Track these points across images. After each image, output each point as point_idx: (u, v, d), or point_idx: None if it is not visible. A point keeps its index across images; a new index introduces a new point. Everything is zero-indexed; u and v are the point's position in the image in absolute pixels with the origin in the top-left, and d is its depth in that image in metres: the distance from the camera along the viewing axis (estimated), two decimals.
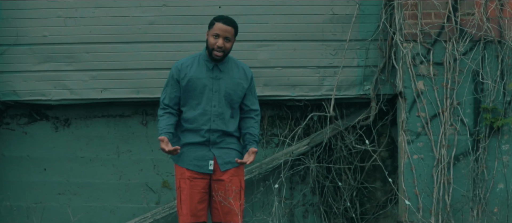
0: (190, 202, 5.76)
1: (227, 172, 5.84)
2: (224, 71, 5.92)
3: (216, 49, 5.77)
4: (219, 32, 5.78)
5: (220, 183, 5.81)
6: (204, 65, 5.90)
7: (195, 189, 5.77)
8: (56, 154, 7.56)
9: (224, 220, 5.83)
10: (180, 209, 5.84)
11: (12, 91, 7.29)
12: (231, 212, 5.78)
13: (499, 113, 7.14)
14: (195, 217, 5.77)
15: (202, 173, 5.80)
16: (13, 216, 7.47)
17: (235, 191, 5.88)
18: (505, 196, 7.16)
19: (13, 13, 7.27)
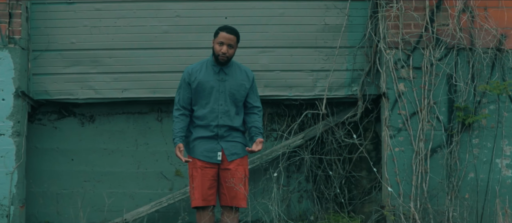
0: (201, 188, 5.94)
1: (233, 162, 6.02)
2: (228, 74, 6.10)
3: (221, 55, 5.96)
4: (223, 40, 5.97)
5: (227, 172, 5.99)
6: (211, 69, 6.08)
7: (206, 177, 5.95)
8: (82, 146, 7.69)
9: (231, 203, 6.01)
10: (192, 194, 6.02)
11: (44, 91, 7.41)
12: (237, 196, 5.99)
13: (470, 111, 7.26)
14: (206, 201, 5.95)
15: (211, 163, 5.98)
16: (45, 201, 7.59)
17: (239, 179, 6.03)
18: (475, 184, 7.25)
19: (45, 23, 7.39)
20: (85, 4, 7.44)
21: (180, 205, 7.56)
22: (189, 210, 7.53)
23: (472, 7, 7.36)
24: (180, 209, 7.57)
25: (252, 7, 7.57)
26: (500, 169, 7.33)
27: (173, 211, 7.61)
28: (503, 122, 7.34)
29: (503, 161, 7.34)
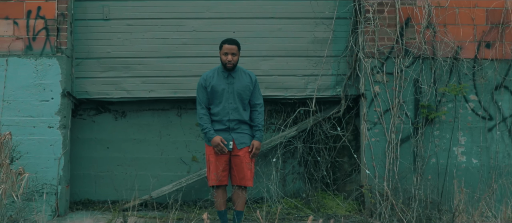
0: (216, 170, 6.26)
1: (242, 149, 6.34)
2: (235, 77, 6.42)
3: (227, 63, 6.32)
4: (227, 51, 6.34)
5: (237, 158, 6.31)
6: (221, 75, 6.41)
7: (220, 161, 6.27)
8: (115, 137, 7.96)
9: (240, 183, 6.32)
10: (209, 175, 6.35)
11: (84, 91, 7.67)
12: (245, 178, 6.30)
13: (432, 109, 7.52)
14: (220, 181, 6.28)
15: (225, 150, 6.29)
16: (85, 182, 7.87)
17: (247, 163, 6.35)
18: (436, 167, 7.51)
19: (85, 36, 7.65)
20: (118, 20, 7.68)
21: (196, 185, 7.84)
22: (204, 189, 7.89)
23: (434, 24, 7.58)
24: (196, 188, 7.86)
25: (255, 23, 7.78)
26: (456, 155, 7.57)
27: (190, 190, 7.84)
28: (459, 117, 7.58)
29: (459, 149, 7.59)
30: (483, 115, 7.68)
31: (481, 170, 7.62)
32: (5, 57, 7.21)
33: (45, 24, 7.25)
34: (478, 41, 7.68)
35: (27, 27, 7.24)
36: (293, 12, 7.88)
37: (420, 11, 7.62)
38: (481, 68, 7.67)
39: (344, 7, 7.87)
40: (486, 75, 7.67)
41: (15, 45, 7.24)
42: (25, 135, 7.10)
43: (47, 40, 7.25)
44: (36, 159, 7.09)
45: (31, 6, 7.24)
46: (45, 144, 7.19)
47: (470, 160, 7.63)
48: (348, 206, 7.70)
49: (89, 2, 7.67)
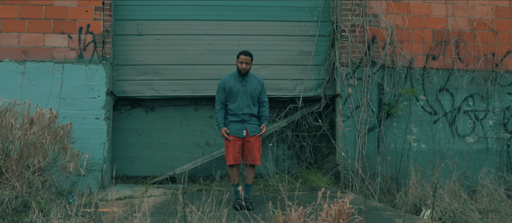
0: (233, 153, 6.60)
1: (253, 137, 6.67)
2: (248, 81, 6.74)
3: (242, 70, 6.65)
4: (242, 60, 6.65)
5: (249, 143, 6.64)
6: (237, 79, 6.71)
7: (236, 145, 6.61)
8: (146, 126, 8.21)
9: (251, 163, 6.63)
10: (227, 156, 6.67)
11: (123, 91, 7.93)
12: (255, 158, 6.64)
13: (392, 106, 7.90)
14: (235, 161, 6.62)
15: (239, 137, 6.64)
16: (122, 161, 8.05)
17: (257, 147, 6.69)
18: (394, 150, 7.92)
19: (124, 47, 7.92)
20: (149, 36, 7.96)
21: (209, 164, 8.15)
22: (215, 166, 8.20)
23: (394, 41, 7.96)
24: (210, 165, 8.15)
25: (256, 39, 8.05)
26: (409, 141, 8.01)
27: (205, 167, 8.14)
28: (412, 112, 8.01)
29: (411, 137, 8.02)
30: (430, 111, 8.11)
31: (428, 153, 8.06)
32: (61, 64, 7.49)
33: (93, 38, 7.53)
34: (427, 55, 8.10)
35: (79, 40, 7.52)
36: (285, 30, 8.18)
37: (383, 31, 8.00)
38: (429, 75, 8.09)
39: (324, 27, 8.20)
40: (432, 80, 8.09)
41: (70, 54, 7.52)
42: (77, 124, 7.33)
43: (95, 50, 7.54)
44: (86, 143, 7.35)
45: (82, 24, 7.54)
46: (93, 132, 7.47)
47: (420, 145, 8.07)
48: (327, 180, 8.08)
49: (127, 21, 7.96)
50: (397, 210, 6.94)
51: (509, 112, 8.27)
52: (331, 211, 4.27)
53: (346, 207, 4.27)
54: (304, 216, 4.33)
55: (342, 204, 4.27)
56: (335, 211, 4.24)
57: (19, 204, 5.63)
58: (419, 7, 8.11)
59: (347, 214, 4.28)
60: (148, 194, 7.32)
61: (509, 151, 8.24)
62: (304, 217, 4.31)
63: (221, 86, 6.76)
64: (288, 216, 4.35)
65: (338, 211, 4.24)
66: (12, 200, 5.54)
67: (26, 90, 7.39)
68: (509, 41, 8.27)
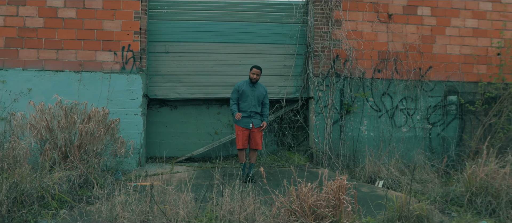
0: (242, 140, 6.20)
1: (256, 128, 6.27)
2: (256, 88, 6.36)
3: (253, 79, 6.26)
4: (254, 72, 6.27)
5: (253, 133, 6.26)
6: (248, 85, 6.32)
7: (244, 134, 6.21)
8: (170, 120, 7.72)
9: (255, 147, 6.28)
10: (237, 142, 6.25)
11: (154, 94, 7.43)
12: (258, 144, 6.26)
13: (350, 105, 7.61)
14: (243, 145, 6.21)
15: (247, 129, 6.23)
16: (153, 146, 7.59)
17: (259, 136, 6.30)
18: (352, 137, 7.62)
19: (155, 61, 7.40)
20: (174, 53, 7.46)
21: (218, 148, 7.76)
22: (223, 149, 7.84)
23: (352, 58, 7.67)
24: (218, 149, 7.76)
25: (252, 57, 7.62)
26: (362, 131, 7.72)
27: (216, 150, 7.74)
28: (363, 110, 7.72)
29: (363, 127, 7.73)
30: (376, 109, 7.83)
31: (375, 139, 7.79)
32: (109, 74, 6.94)
33: (133, 54, 7.00)
34: (374, 68, 7.83)
35: (122, 56, 6.99)
36: (273, 51, 7.78)
37: (344, 52, 7.71)
38: (375, 83, 7.82)
39: (301, 48, 7.84)
40: (378, 87, 7.82)
41: (115, 67, 6.98)
42: (121, 119, 6.79)
43: (134, 64, 7.02)
44: (128, 133, 6.85)
45: (124, 44, 6.99)
46: (133, 125, 6.96)
47: (369, 133, 7.79)
48: (304, 159, 7.73)
49: (157, 42, 7.43)
50: (358, 181, 6.64)
51: (430, 109, 8.06)
52: (333, 186, 3.87)
53: (344, 183, 3.88)
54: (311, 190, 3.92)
55: (341, 181, 3.88)
56: (336, 186, 3.84)
57: (82, 182, 5.07)
58: (369, 34, 7.81)
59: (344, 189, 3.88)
60: (174, 170, 6.84)
61: (430, 137, 8.04)
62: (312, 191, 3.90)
63: (236, 89, 6.35)
64: (300, 190, 3.94)
65: (338, 186, 3.84)
66: (76, 179, 4.97)
67: (82, 94, 6.80)
68: (430, 59, 8.06)
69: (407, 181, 6.40)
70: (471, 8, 8.24)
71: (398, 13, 7.94)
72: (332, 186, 3.95)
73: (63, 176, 4.84)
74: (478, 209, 4.88)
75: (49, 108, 5.76)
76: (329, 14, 7.67)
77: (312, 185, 4.04)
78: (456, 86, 8.13)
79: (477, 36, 8.26)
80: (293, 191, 3.93)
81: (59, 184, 4.61)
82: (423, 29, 8.03)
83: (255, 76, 6.31)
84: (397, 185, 6.40)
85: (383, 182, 6.49)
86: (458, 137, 8.15)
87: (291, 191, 3.93)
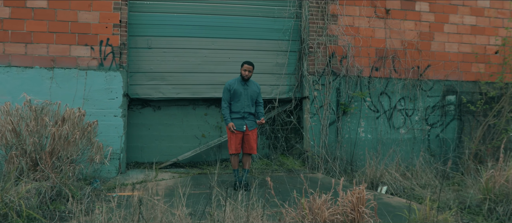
0: (235, 144, 5.64)
1: (251, 131, 5.73)
2: (249, 85, 5.80)
3: (245, 76, 5.70)
4: (246, 68, 5.70)
5: (247, 136, 5.71)
6: (240, 83, 5.75)
7: (238, 137, 5.66)
8: (154, 122, 7.05)
9: (249, 152, 5.74)
10: (230, 146, 5.69)
11: (135, 93, 6.76)
12: (252, 148, 5.71)
13: (346, 105, 7.14)
14: (236, 150, 5.66)
15: (240, 131, 5.67)
16: (134, 150, 6.92)
17: (254, 139, 5.76)
18: (349, 140, 7.13)
19: (136, 58, 6.72)
20: (157, 49, 6.80)
21: (205, 152, 7.16)
22: (210, 153, 7.23)
23: (348, 56, 7.18)
24: (206, 153, 7.17)
25: (242, 53, 7.03)
26: (359, 133, 7.25)
27: (202, 154, 7.14)
28: (361, 111, 7.26)
29: (361, 129, 7.26)
30: (373, 109, 7.38)
31: (372, 141, 7.34)
32: (85, 70, 6.20)
33: (112, 49, 6.29)
34: (371, 67, 7.39)
35: (100, 51, 6.27)
36: (264, 47, 7.19)
37: (341, 48, 7.23)
38: (373, 82, 7.38)
39: (294, 45, 7.30)
40: (375, 86, 7.37)
41: (92, 63, 6.25)
42: (98, 121, 6.00)
43: (113, 60, 6.30)
44: (106, 136, 6.13)
45: (102, 38, 6.28)
46: (112, 127, 6.25)
47: (367, 135, 7.32)
48: (298, 163, 7.15)
49: (139, 37, 6.75)
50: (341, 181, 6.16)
51: (429, 110, 7.67)
52: (350, 197, 3.33)
53: (364, 194, 3.35)
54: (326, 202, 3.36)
55: (359, 191, 3.34)
56: (355, 198, 3.30)
57: (54, 194, 4.35)
58: (366, 31, 7.35)
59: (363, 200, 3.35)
60: (159, 177, 6.17)
61: (429, 139, 7.65)
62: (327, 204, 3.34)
63: (227, 88, 5.74)
64: (313, 202, 3.37)
65: (358, 198, 3.30)
66: (48, 190, 4.26)
67: (55, 93, 6.05)
68: (429, 57, 7.67)
69: (412, 186, 5.95)
70: (469, 4, 7.90)
71: (396, 8, 7.51)
72: (349, 197, 3.41)
73: (32, 188, 4.13)
74: (500, 218, 4.45)
75: (16, 109, 5.02)
76: (324, 8, 7.16)
77: (326, 196, 3.49)
78: (454, 86, 7.78)
79: (476, 33, 7.93)
80: (305, 203, 3.37)
81: (26, 198, 3.90)
82: (421, 25, 7.64)
83: (247, 73, 5.73)
84: (401, 191, 5.94)
85: (386, 188, 6.02)
86: (457, 139, 7.79)
87: (303, 203, 3.36)
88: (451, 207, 4.73)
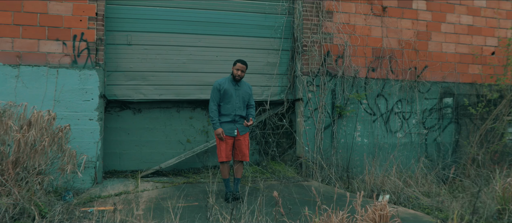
0: (225, 150, 5.05)
1: (242, 135, 5.15)
2: (240, 86, 5.23)
3: (237, 76, 5.12)
4: (239, 68, 5.12)
5: (239, 141, 5.14)
6: (231, 83, 5.18)
7: (228, 143, 5.07)
8: (133, 126, 6.39)
9: (241, 159, 5.15)
10: (220, 154, 5.08)
11: (113, 94, 6.07)
12: (244, 155, 5.14)
13: (342, 108, 6.68)
14: (227, 158, 5.07)
15: (231, 136, 5.08)
16: (112, 157, 6.26)
17: (245, 145, 5.19)
18: (344, 145, 6.70)
19: (115, 55, 6.05)
20: (138, 45, 6.15)
21: (190, 159, 6.55)
22: (196, 160, 6.65)
23: (345, 55, 6.74)
24: (191, 160, 6.56)
25: (231, 51, 6.47)
26: (355, 137, 6.81)
27: (187, 162, 6.52)
28: (357, 114, 6.81)
29: (357, 133, 6.81)
30: (370, 112, 6.94)
31: (369, 146, 6.90)
32: (56, 68, 5.51)
33: (87, 45, 5.62)
34: (368, 67, 6.95)
35: (73, 47, 5.58)
36: (254, 45, 6.65)
37: (336, 47, 6.77)
38: (370, 83, 6.96)
39: (286, 43, 6.80)
40: (372, 88, 6.94)
41: (64, 60, 5.56)
42: (71, 125, 5.34)
43: (88, 57, 5.63)
44: (80, 143, 5.47)
45: (76, 32, 5.60)
46: (87, 132, 5.57)
47: (363, 140, 6.88)
48: (292, 170, 6.62)
49: (117, 32, 6.08)
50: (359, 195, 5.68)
51: (426, 113, 7.30)
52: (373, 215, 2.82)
53: (387, 210, 2.85)
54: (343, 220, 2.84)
55: (382, 207, 2.84)
56: (378, 216, 2.80)
57: (17, 213, 3.67)
58: (362, 29, 6.91)
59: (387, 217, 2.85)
60: (141, 188, 5.52)
61: (426, 143, 7.27)
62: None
63: (216, 88, 5.14)
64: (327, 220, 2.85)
65: (380, 216, 2.80)
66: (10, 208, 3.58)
67: (20, 93, 5.33)
68: (426, 58, 7.31)
69: (416, 195, 5.51)
70: (466, 3, 7.59)
71: (393, 6, 7.11)
72: (370, 214, 2.90)
73: None
74: None
75: None
76: (319, 4, 6.68)
77: (342, 213, 2.97)
78: (452, 88, 7.43)
79: (472, 34, 7.62)
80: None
81: None
82: (418, 24, 7.26)
83: (239, 72, 5.16)
84: (406, 200, 5.50)
85: (388, 196, 5.56)
86: (455, 143, 7.45)
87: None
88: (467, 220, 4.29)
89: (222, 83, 5.17)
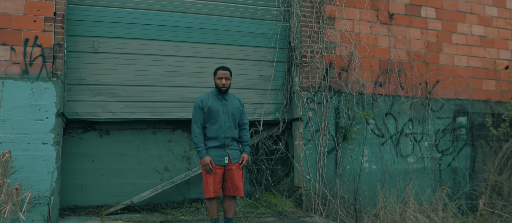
0: (214, 184, 4.08)
1: (235, 164, 4.19)
2: (228, 100, 4.30)
3: (222, 86, 4.22)
4: (221, 76, 4.23)
5: (230, 171, 4.17)
6: (216, 98, 4.26)
7: (217, 175, 4.10)
8: (100, 151, 5.36)
9: (233, 194, 4.18)
10: (206, 188, 4.11)
11: (75, 112, 5.06)
12: (238, 189, 4.17)
13: (347, 129, 5.86)
14: (216, 193, 4.10)
15: (220, 165, 4.12)
16: (72, 190, 5.20)
17: (239, 176, 4.22)
18: (351, 172, 5.84)
19: (77, 65, 5.08)
20: (106, 54, 5.20)
21: (169, 191, 5.52)
22: (175, 193, 5.64)
23: (349, 68, 6.02)
24: (170, 192, 5.54)
25: (217, 62, 5.52)
26: (362, 163, 5.95)
27: (165, 194, 5.51)
28: (364, 135, 5.98)
29: (364, 158, 5.96)
30: (378, 134, 6.12)
31: (378, 172, 6.05)
32: (1, 80, 4.50)
33: (42, 51, 4.64)
34: (375, 82, 6.15)
35: (24, 53, 4.59)
36: (245, 55, 5.81)
37: (339, 58, 5.99)
38: (377, 101, 6.15)
39: (281, 53, 5.96)
40: (380, 105, 6.14)
41: (12, 69, 4.55)
42: (19, 151, 4.44)
43: (44, 66, 4.64)
44: (29, 173, 4.46)
45: (28, 35, 4.62)
46: (39, 159, 4.53)
47: (371, 166, 6.02)
48: (290, 203, 5.66)
49: (81, 38, 5.11)
50: None
51: (439, 134, 6.53)
52: None
53: None
54: None
55: None
56: None
57: None
58: (368, 38, 6.16)
59: None
60: None
61: (440, 169, 6.47)
62: None
63: (198, 106, 4.22)
64: None
65: None
66: None
67: None
68: (437, 71, 6.59)
69: None
70: (476, 12, 6.96)
71: (400, 13, 6.40)
72: None
73: None
74: None
75: None
76: (320, 8, 5.90)
77: None
78: (465, 106, 6.71)
79: (485, 46, 6.97)
80: None
81: None
82: (428, 34, 6.56)
83: (224, 81, 4.26)
84: None
85: None
86: (470, 168, 6.68)
87: None
88: None
89: (204, 99, 4.26)
